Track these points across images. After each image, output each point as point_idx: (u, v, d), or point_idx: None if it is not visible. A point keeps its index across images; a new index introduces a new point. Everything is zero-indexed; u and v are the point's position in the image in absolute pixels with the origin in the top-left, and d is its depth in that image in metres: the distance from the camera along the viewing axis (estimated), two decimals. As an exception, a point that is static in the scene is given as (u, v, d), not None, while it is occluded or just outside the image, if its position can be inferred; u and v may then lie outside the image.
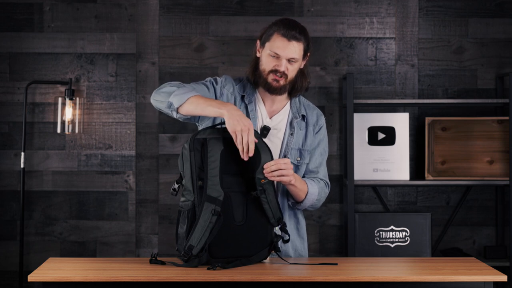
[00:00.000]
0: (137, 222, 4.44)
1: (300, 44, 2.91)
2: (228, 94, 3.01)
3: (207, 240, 2.67)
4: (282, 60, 2.91)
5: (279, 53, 2.90)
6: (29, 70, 4.45)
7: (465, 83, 4.47)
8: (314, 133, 3.07)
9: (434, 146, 4.27)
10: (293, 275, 2.61)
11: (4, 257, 4.44)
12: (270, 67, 2.93)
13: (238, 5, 4.45)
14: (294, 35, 2.89)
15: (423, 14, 4.47)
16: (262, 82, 2.96)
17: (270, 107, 3.03)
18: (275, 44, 2.90)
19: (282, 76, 2.93)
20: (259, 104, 3.02)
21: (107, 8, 4.46)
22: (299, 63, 2.96)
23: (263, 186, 2.75)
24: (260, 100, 3.02)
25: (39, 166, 4.44)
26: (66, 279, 2.57)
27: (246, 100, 3.00)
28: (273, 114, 3.02)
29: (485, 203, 4.47)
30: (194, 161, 2.73)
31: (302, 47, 2.92)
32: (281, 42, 2.89)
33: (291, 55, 2.90)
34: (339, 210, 4.47)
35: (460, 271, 2.66)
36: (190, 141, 2.75)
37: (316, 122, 3.08)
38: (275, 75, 2.93)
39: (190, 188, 2.74)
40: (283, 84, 2.94)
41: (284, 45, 2.89)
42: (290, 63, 2.92)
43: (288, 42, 2.89)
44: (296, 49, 2.90)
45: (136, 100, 4.45)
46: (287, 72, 2.93)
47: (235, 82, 3.05)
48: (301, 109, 3.06)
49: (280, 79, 2.93)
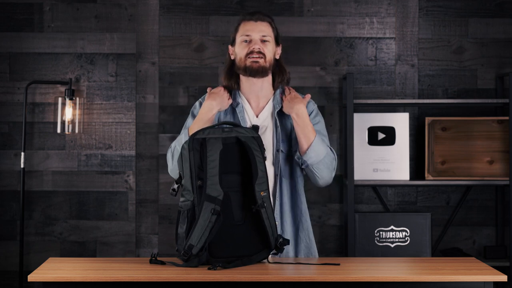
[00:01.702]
0: (137, 222, 4.44)
1: (267, 24, 3.05)
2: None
3: (207, 239, 2.67)
4: (255, 40, 3.01)
5: (249, 34, 3.02)
6: (29, 70, 4.45)
7: (465, 83, 4.47)
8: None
9: (434, 146, 4.27)
10: (293, 275, 2.61)
11: (4, 257, 4.44)
12: (245, 52, 3.02)
13: (238, 5, 4.45)
14: (259, 17, 3.04)
15: (423, 14, 4.47)
16: (243, 70, 3.04)
17: (256, 106, 3.07)
18: (245, 28, 3.04)
19: (261, 57, 3.01)
20: (245, 105, 3.07)
21: (107, 8, 4.46)
22: (272, 45, 3.04)
23: (263, 199, 2.76)
24: (245, 101, 3.08)
25: (39, 166, 4.44)
26: (66, 279, 2.57)
27: (233, 104, 3.06)
28: (259, 111, 3.07)
29: (485, 203, 4.47)
30: (194, 161, 2.74)
31: (271, 28, 3.05)
32: (249, 25, 3.04)
33: (262, 33, 3.02)
34: (339, 210, 4.47)
35: (460, 271, 2.66)
36: (189, 141, 2.75)
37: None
38: (252, 57, 3.00)
39: (190, 188, 2.75)
40: (263, 64, 3.02)
41: (253, 26, 3.03)
42: (263, 43, 3.02)
43: (255, 22, 3.03)
44: (265, 28, 3.03)
45: (136, 100, 4.45)
46: (263, 51, 3.01)
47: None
48: (281, 100, 3.09)
49: (258, 59, 3.01)
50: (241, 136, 2.80)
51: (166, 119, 4.44)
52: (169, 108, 4.45)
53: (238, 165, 2.78)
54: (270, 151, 3.01)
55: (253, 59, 3.00)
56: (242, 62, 3.02)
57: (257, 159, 2.78)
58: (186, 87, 4.45)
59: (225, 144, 2.77)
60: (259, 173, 2.75)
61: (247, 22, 3.04)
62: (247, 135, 2.81)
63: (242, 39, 3.03)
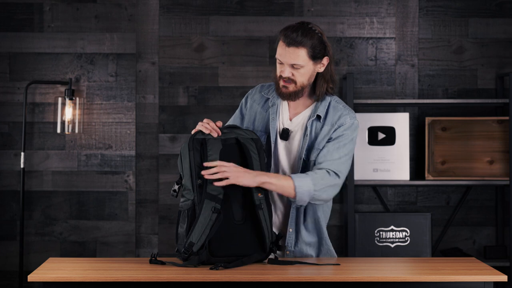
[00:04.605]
0: (137, 222, 4.44)
1: (300, 49, 2.87)
2: (253, 104, 3.06)
3: (207, 237, 2.68)
4: (285, 66, 2.90)
5: (281, 59, 2.90)
6: (29, 70, 4.45)
7: (465, 83, 4.47)
8: (330, 131, 2.96)
9: (434, 146, 4.27)
10: (293, 275, 2.61)
11: (4, 257, 4.44)
12: (278, 73, 2.94)
13: (238, 5, 4.45)
14: (293, 40, 2.86)
15: (423, 14, 4.47)
16: (276, 88, 2.97)
17: (294, 110, 3.00)
18: (278, 51, 2.91)
19: (290, 82, 2.91)
20: (283, 107, 3.01)
21: (107, 8, 4.46)
22: (307, 68, 2.90)
23: (260, 200, 2.76)
24: (285, 103, 3.02)
25: (39, 166, 4.44)
26: (66, 279, 2.57)
27: (269, 103, 3.02)
28: (295, 116, 3.01)
29: (485, 203, 4.47)
30: (194, 160, 2.74)
31: (305, 51, 2.87)
32: (281, 49, 2.89)
33: (291, 61, 2.88)
34: (339, 210, 4.46)
35: (460, 271, 2.66)
36: (189, 141, 2.76)
37: (337, 121, 2.96)
38: (283, 80, 2.92)
39: (190, 187, 2.75)
40: (293, 90, 2.92)
41: (284, 51, 2.88)
42: (294, 68, 2.90)
43: (286, 48, 2.87)
44: (295, 55, 2.87)
45: (136, 100, 4.45)
46: (294, 77, 2.90)
47: (265, 87, 3.08)
48: (321, 109, 2.97)
49: (288, 85, 2.92)
50: (241, 138, 2.81)
51: (166, 119, 4.44)
52: (169, 108, 4.45)
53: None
54: (294, 157, 2.98)
55: (283, 83, 2.92)
56: (276, 80, 2.96)
57: (253, 161, 2.79)
58: (186, 87, 4.45)
59: (225, 144, 2.78)
60: None
61: (281, 44, 2.89)
62: (246, 137, 2.82)
63: (277, 60, 2.93)
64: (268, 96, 3.04)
